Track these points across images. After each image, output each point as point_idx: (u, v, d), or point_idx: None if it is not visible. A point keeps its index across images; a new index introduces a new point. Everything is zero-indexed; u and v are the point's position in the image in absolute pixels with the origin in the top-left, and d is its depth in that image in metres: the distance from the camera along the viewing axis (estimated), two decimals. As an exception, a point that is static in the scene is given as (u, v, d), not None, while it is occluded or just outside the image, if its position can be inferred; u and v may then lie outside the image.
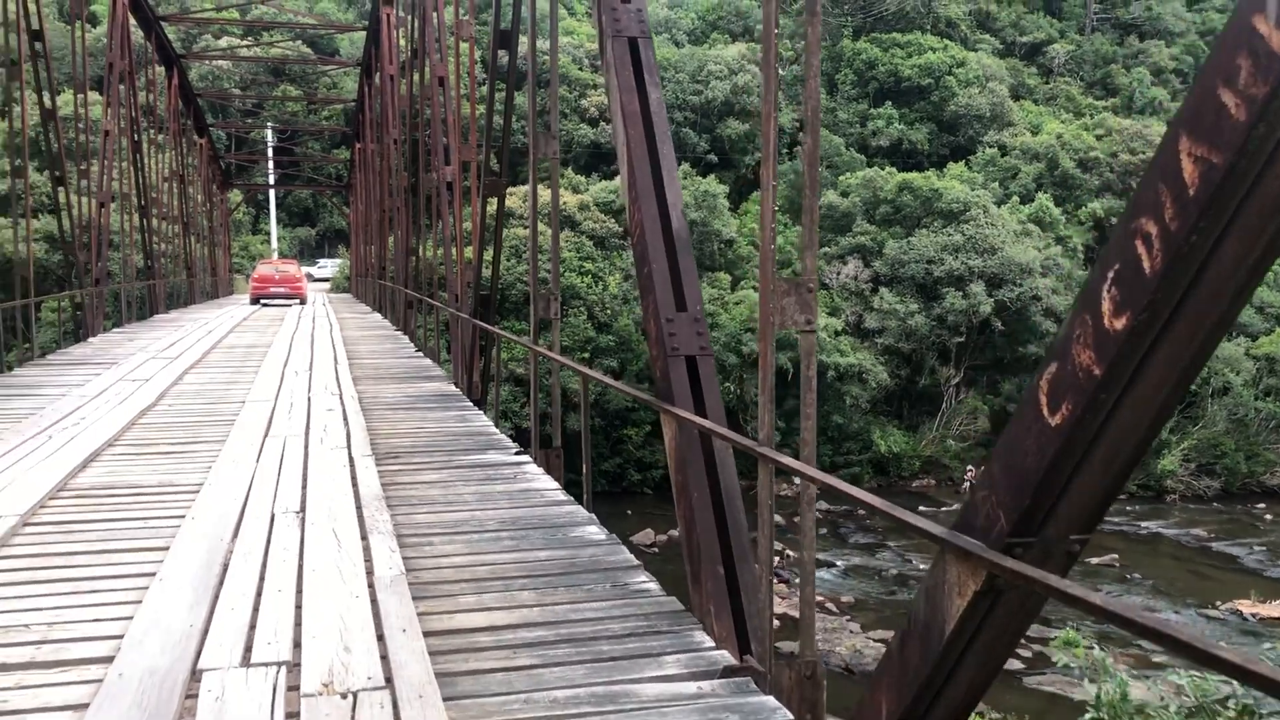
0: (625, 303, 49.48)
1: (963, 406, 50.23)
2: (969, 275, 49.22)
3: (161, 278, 33.31)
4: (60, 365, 16.76)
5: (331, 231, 74.97)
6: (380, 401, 12.92)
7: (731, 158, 65.05)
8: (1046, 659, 25.54)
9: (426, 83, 19.34)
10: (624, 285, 50.75)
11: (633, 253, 6.46)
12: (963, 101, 67.52)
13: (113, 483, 8.30)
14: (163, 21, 32.95)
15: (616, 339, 48.35)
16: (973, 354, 50.77)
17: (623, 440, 45.48)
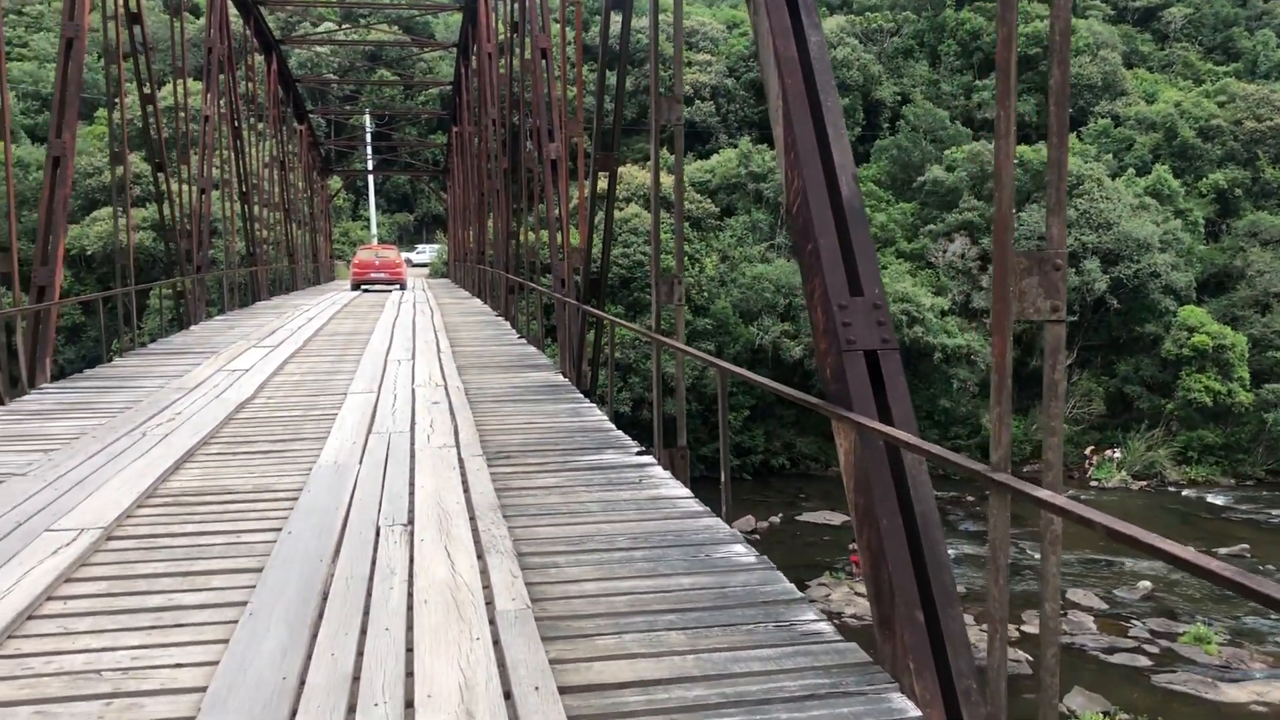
0: (722, 285, 48.42)
1: (1076, 389, 47.96)
2: (1082, 252, 46.89)
3: (263, 264, 33.34)
4: (160, 355, 16.43)
5: (429, 216, 75.31)
6: (486, 393, 12.15)
7: (831, 135, 63.20)
8: (1175, 655, 23.90)
9: (527, 57, 18.53)
10: (720, 267, 49.70)
11: (790, 228, 5.45)
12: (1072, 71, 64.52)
13: (205, 487, 7.63)
14: (260, 6, 32.85)
15: (714, 322, 47.38)
16: (1087, 334, 48.42)
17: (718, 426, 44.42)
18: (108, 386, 12.81)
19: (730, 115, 62.03)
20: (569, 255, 14.15)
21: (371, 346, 16.90)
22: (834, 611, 28.05)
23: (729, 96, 62.47)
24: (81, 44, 14.45)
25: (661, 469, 8.26)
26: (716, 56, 64.21)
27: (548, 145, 15.71)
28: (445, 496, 7.11)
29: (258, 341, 17.84)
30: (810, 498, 42.78)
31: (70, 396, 12.08)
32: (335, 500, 7.03)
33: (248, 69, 33.13)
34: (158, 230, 34.35)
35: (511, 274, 22.41)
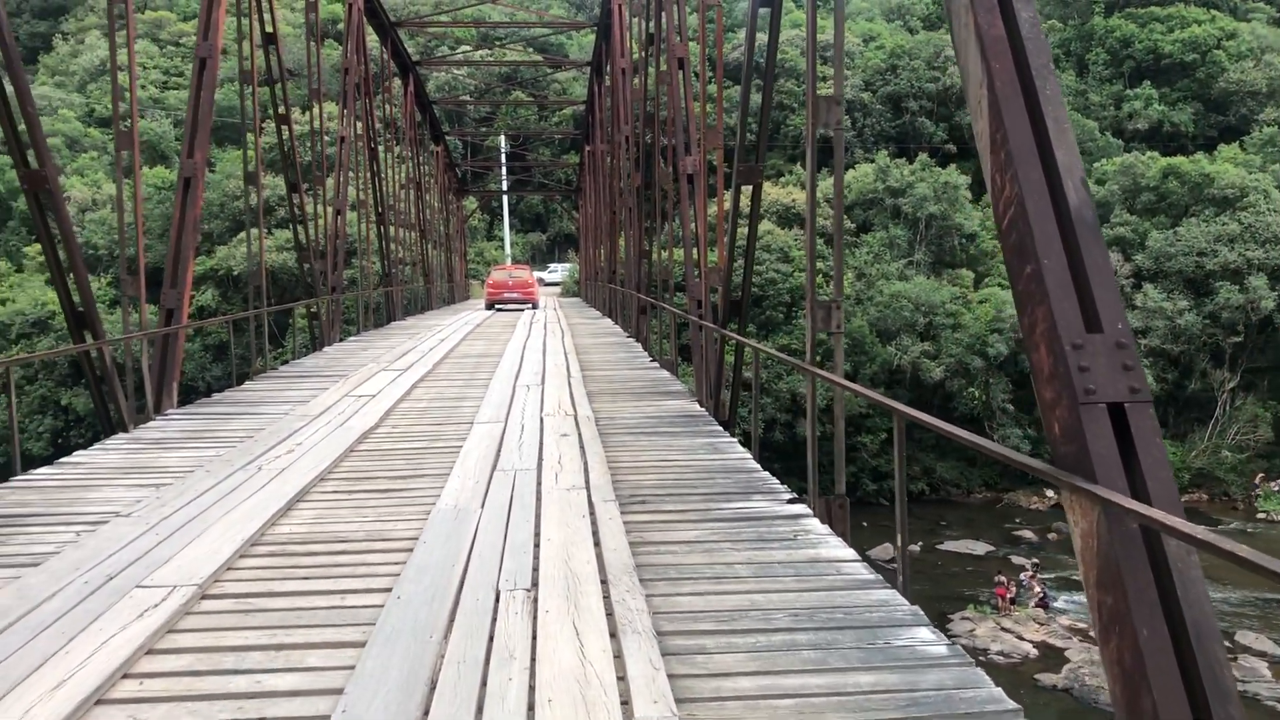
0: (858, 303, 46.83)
1: (1240, 413, 44.59)
2: (1247, 268, 43.69)
3: (399, 284, 33.49)
4: (290, 378, 16.18)
5: (561, 236, 75.62)
6: (618, 423, 11.31)
7: (971, 146, 60.70)
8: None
9: (663, 69, 17.75)
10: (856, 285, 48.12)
11: (1002, 244, 4.40)
12: (1234, 77, 60.68)
13: (314, 534, 6.95)
14: (398, 29, 33.10)
15: (849, 341, 45.86)
16: (1251, 355, 45.03)
17: (856, 448, 42.92)
18: (232, 413, 12.47)
19: (866, 130, 60.37)
20: (706, 275, 13.24)
21: (501, 370, 16.32)
22: (978, 648, 26.34)
23: (865, 110, 60.82)
24: (214, 65, 14.30)
25: (818, 522, 7.24)
26: (852, 70, 62.60)
27: (683, 159, 14.85)
28: (574, 553, 6.25)
29: (388, 364, 17.47)
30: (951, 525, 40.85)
31: (193, 424, 11.75)
32: (452, 555, 6.25)
33: (385, 91, 33.41)
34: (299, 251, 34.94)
35: (643, 294, 21.66)
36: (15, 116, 9.44)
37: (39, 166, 9.73)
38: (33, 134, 9.62)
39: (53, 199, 9.85)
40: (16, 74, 9.44)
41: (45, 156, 9.71)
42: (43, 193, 9.80)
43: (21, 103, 9.41)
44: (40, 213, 9.92)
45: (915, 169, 52.31)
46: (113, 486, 8.44)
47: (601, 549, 6.37)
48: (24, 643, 4.82)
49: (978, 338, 45.21)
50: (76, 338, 10.80)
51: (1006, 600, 29.41)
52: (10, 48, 9.25)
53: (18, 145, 9.62)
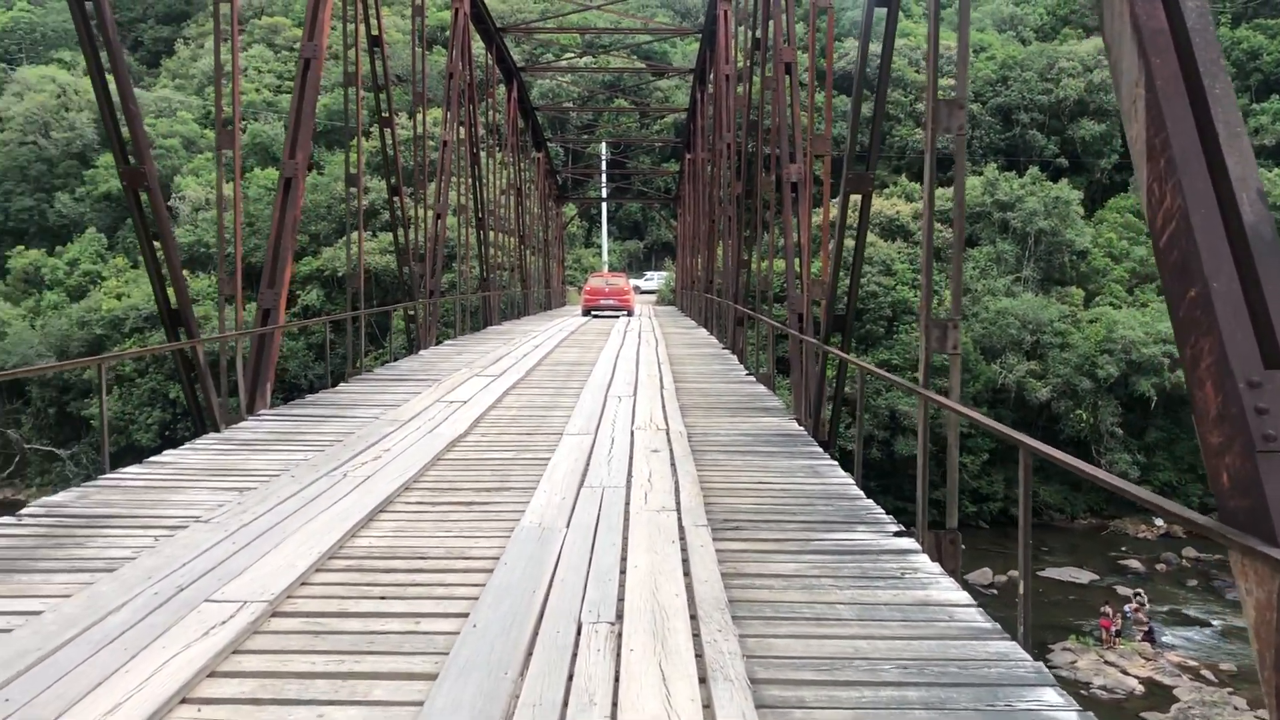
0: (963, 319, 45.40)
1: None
2: None
3: (496, 289, 33.59)
4: (384, 381, 16.13)
5: (659, 244, 75.47)
6: (712, 441, 10.87)
7: (1084, 161, 58.84)
8: None
9: (768, 74, 17.30)
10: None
11: (1159, 264, 3.86)
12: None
13: (393, 548, 6.68)
14: (503, 34, 33.23)
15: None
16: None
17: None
18: (323, 415, 12.39)
19: (975, 142, 58.78)
20: (808, 287, 12.73)
21: (593, 379, 16.02)
22: (1081, 681, 25.19)
23: (974, 122, 59.22)
24: (318, 65, 14.32)
25: (928, 559, 6.70)
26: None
27: (787, 167, 14.37)
28: (662, 584, 5.84)
29: (481, 370, 17.33)
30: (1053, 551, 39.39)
31: (284, 425, 11.68)
32: (534, 579, 5.89)
33: (489, 97, 33.57)
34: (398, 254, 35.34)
35: (740, 305, 21.18)
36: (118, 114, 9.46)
37: (139, 164, 9.74)
38: (133, 131, 9.63)
39: (152, 196, 9.85)
40: (119, 72, 9.45)
41: (145, 154, 9.72)
42: (142, 189, 9.81)
43: (123, 99, 9.42)
44: (139, 209, 9.93)
45: (1025, 183, 50.74)
46: (197, 489, 8.33)
47: (692, 580, 5.95)
48: (86, 657, 4.61)
49: (1087, 358, 43.52)
50: (171, 336, 10.81)
51: (1111, 633, 28.13)
52: (114, 45, 9.26)
53: (119, 142, 9.64)
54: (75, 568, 6.10)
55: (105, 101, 9.39)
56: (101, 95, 9.38)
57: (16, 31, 70.34)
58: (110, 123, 9.49)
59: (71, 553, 6.43)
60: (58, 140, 59.37)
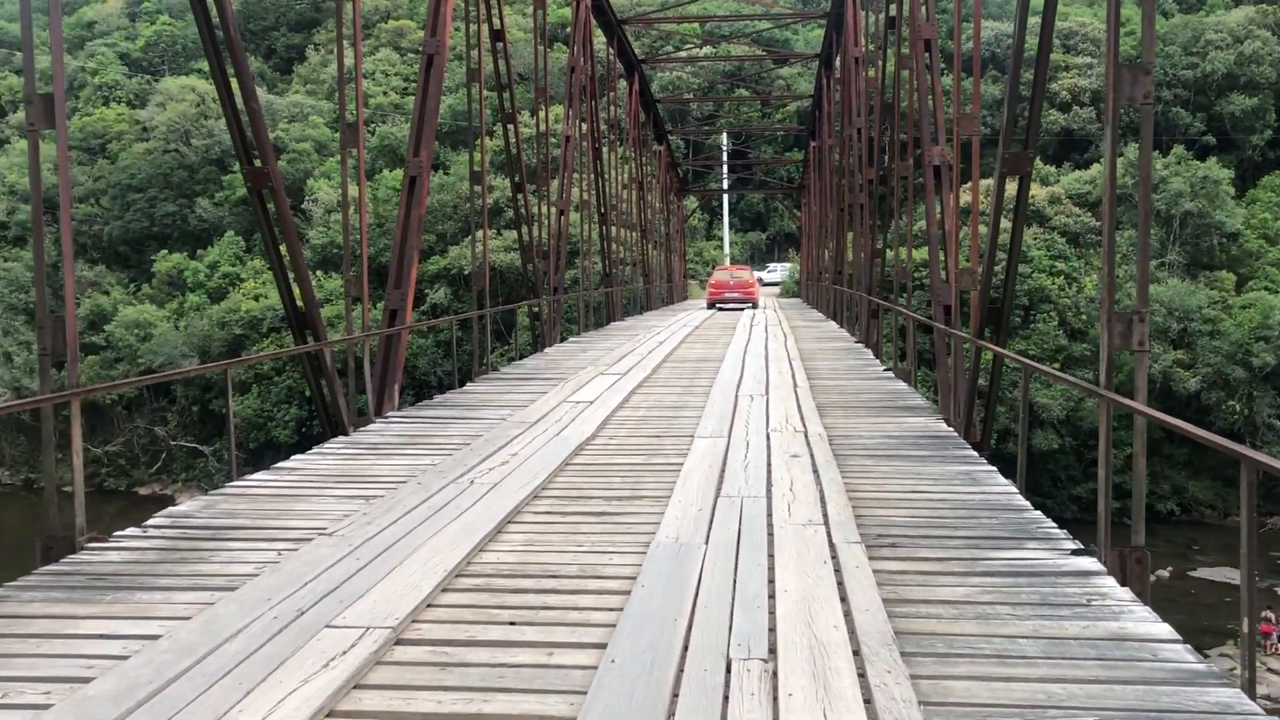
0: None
1: None
2: None
3: (619, 284, 33.31)
4: (510, 380, 15.88)
5: (781, 235, 74.30)
6: (855, 444, 10.18)
7: (1234, 138, 55.38)
8: None
9: (904, 53, 16.42)
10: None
11: None
12: None
13: (522, 566, 6.24)
14: (624, 26, 32.86)
15: (1093, 348, 42.72)
16: None
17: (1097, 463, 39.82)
18: (450, 417, 12.14)
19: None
20: (956, 276, 11.89)
21: (722, 377, 15.44)
22: (1241, 692, 23.48)
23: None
24: (442, 60, 14.10)
25: (1114, 581, 5.93)
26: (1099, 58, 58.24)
27: (929, 149, 13.52)
28: (817, 612, 5.24)
29: (606, 368, 16.94)
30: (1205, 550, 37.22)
31: (411, 428, 11.46)
32: (674, 604, 5.37)
33: (610, 90, 33.27)
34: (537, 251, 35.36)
35: (874, 295, 20.30)
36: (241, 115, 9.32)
37: (262, 164, 9.59)
38: (255, 131, 9.49)
39: (276, 197, 9.70)
40: (241, 71, 9.30)
41: (268, 154, 9.56)
42: (266, 190, 9.66)
43: (244, 98, 9.27)
44: (263, 210, 9.79)
45: (1169, 162, 48.02)
46: (322, 498, 8.08)
47: (850, 607, 5.34)
48: (197, 694, 4.28)
49: (1240, 346, 40.97)
50: (299, 338, 10.68)
51: (1274, 639, 26.28)
52: (235, 43, 9.11)
53: (242, 143, 9.50)
54: (196, 585, 5.85)
55: (228, 102, 9.25)
56: (224, 95, 9.25)
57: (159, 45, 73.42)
58: (233, 123, 9.35)
59: (194, 568, 6.20)
60: (198, 147, 61.65)
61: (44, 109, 6.43)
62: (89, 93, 68.00)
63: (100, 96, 67.22)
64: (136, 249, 60.45)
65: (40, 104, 6.42)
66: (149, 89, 67.05)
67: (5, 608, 5.46)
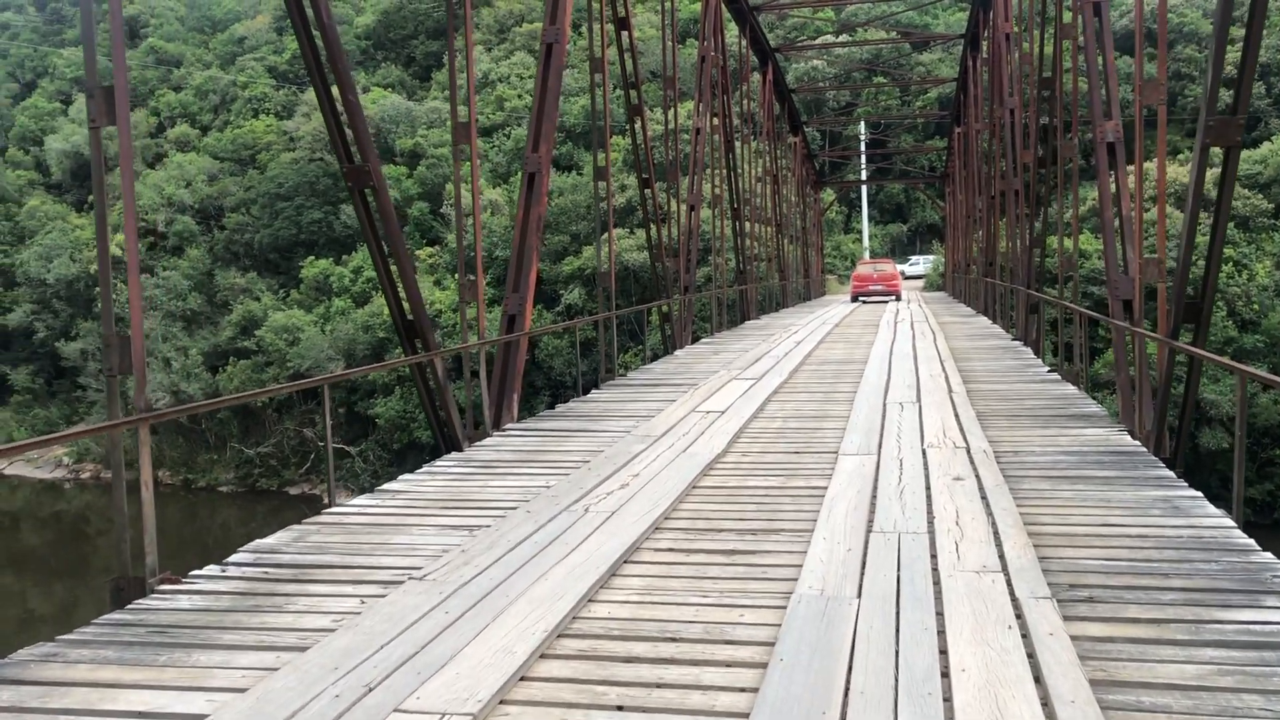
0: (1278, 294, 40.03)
1: None
2: None
3: (753, 282, 32.13)
4: (637, 387, 14.96)
5: (924, 226, 71.54)
6: (1026, 462, 8.86)
7: None
8: None
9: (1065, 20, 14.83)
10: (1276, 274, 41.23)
11: None
12: None
13: (638, 621, 5.26)
14: (757, 13, 31.63)
15: (1266, 340, 39.52)
16: None
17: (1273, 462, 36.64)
18: (570, 430, 11.28)
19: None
20: (1140, 268, 10.39)
21: (866, 381, 14.20)
22: None
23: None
24: (561, 50, 13.28)
25: (1397, 659, 4.57)
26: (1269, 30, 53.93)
27: (1102, 125, 11.97)
28: (1008, 703, 4.09)
29: (739, 372, 15.87)
30: None
31: (529, 442, 10.64)
32: (821, 689, 4.30)
33: (742, 81, 32.10)
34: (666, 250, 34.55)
35: (1033, 288, 18.63)
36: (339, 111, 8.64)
37: (362, 161, 8.90)
38: (355, 127, 8.80)
39: (379, 196, 9.01)
40: (337, 62, 8.62)
41: (368, 151, 8.87)
42: (367, 189, 8.97)
43: (342, 92, 8.59)
44: (365, 209, 9.11)
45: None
46: (423, 528, 7.29)
47: (1048, 693, 4.17)
48: (223, 811, 3.44)
49: None
50: (408, 348, 9.98)
51: None
52: (330, 32, 8.43)
53: (342, 139, 8.83)
54: (263, 643, 5.08)
55: (325, 97, 8.59)
56: (321, 91, 8.59)
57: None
58: (331, 119, 8.69)
59: (266, 620, 5.44)
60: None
61: (105, 103, 5.78)
62: (239, 105, 70.50)
63: (250, 109, 69.59)
64: (285, 255, 62.23)
65: (102, 97, 5.77)
66: (295, 100, 69.01)
67: (48, 670, 4.79)
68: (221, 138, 67.00)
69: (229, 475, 52.12)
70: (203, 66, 75.25)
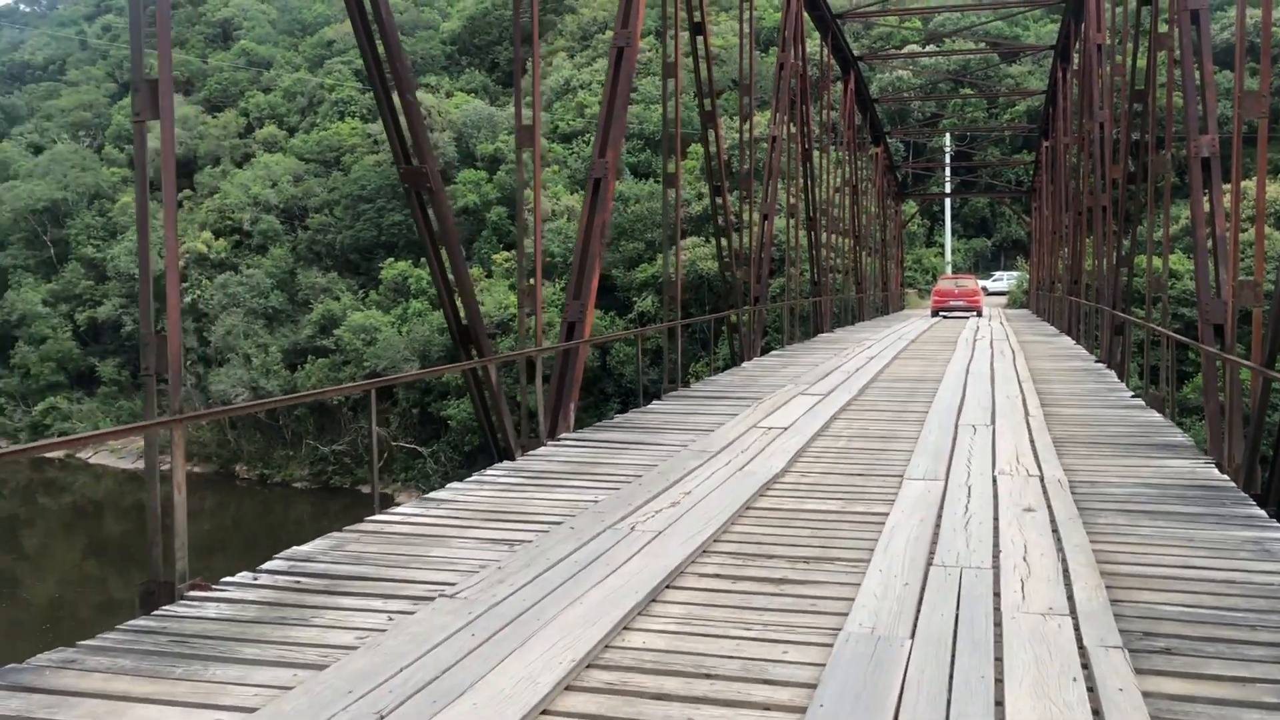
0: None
1: None
2: None
3: (828, 294, 31.57)
4: (698, 399, 14.64)
5: (1008, 242, 69.92)
6: (1103, 494, 8.36)
7: None
8: None
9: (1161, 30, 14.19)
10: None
11: None
12: None
13: (673, 654, 4.94)
14: (840, 20, 31.11)
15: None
16: None
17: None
18: (626, 442, 11.01)
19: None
20: (1234, 291, 9.79)
21: (939, 401, 13.70)
22: None
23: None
24: (633, 54, 13.06)
25: None
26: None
27: (1196, 139, 11.36)
28: (1068, 770, 3.71)
29: (807, 386, 15.46)
30: None
31: (583, 453, 10.40)
32: (862, 737, 3.96)
33: (823, 90, 31.59)
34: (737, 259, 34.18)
35: (1119, 309, 17.90)
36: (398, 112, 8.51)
37: (420, 163, 8.75)
38: (412, 128, 8.66)
39: (435, 199, 8.85)
40: (395, 60, 8.48)
41: (426, 153, 8.72)
42: (424, 191, 8.82)
43: (400, 92, 8.45)
44: (422, 211, 8.96)
45: None
46: (463, 540, 7.07)
47: (1114, 761, 3.77)
48: None
49: None
50: (463, 353, 9.81)
51: None
52: (388, 28, 8.29)
53: (400, 141, 8.69)
54: (282, 659, 4.89)
55: (384, 97, 8.46)
56: (380, 91, 8.46)
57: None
58: (389, 119, 8.56)
59: (289, 633, 5.25)
60: (422, 159, 63.75)
61: (150, 96, 5.67)
62: (326, 108, 71.81)
63: (336, 111, 70.82)
64: (366, 257, 63.13)
65: (147, 90, 5.67)
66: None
67: (62, 679, 4.65)
68: (308, 139, 68.27)
69: (304, 471, 52.92)
70: (292, 69, 76.84)
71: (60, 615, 33.14)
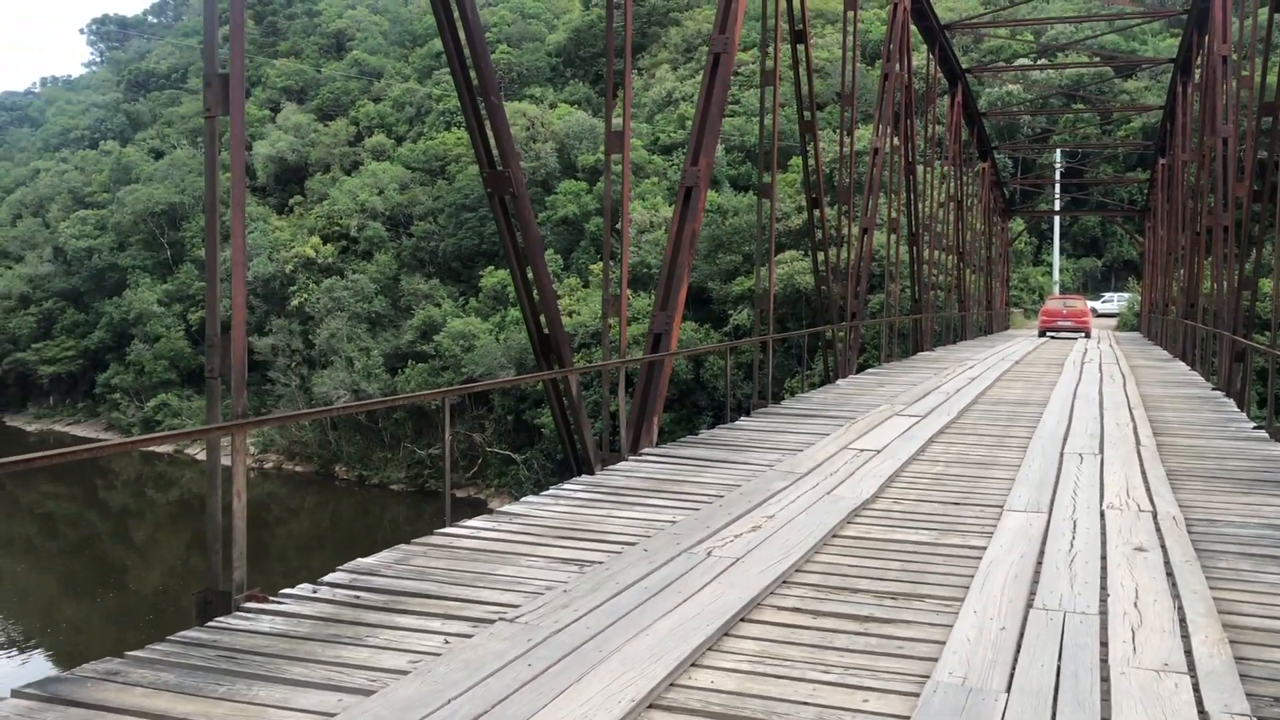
0: None
1: None
2: None
3: (930, 311, 30.69)
4: (789, 417, 14.17)
5: (1120, 262, 67.45)
6: (1222, 534, 7.69)
7: None
8: None
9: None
10: None
11: None
12: None
13: (739, 700, 4.54)
14: (947, 32, 30.29)
15: None
16: None
17: None
18: (710, 460, 10.64)
19: None
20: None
21: (1044, 427, 13.00)
22: None
23: None
24: (730, 60, 12.72)
25: None
26: None
27: (1335, 154, 10.53)
28: None
29: (903, 407, 14.87)
30: None
31: (663, 470, 10.07)
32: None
33: (929, 102, 30.78)
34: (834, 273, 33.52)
35: (1239, 334, 16.86)
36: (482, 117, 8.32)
37: (503, 167, 8.55)
38: (496, 132, 8.45)
39: (518, 204, 8.63)
40: (480, 60, 8.29)
41: (510, 157, 8.51)
42: (507, 196, 8.61)
43: (485, 93, 8.26)
44: (505, 217, 8.75)
45: None
46: (532, 559, 6.80)
47: None
48: None
49: None
50: (543, 363, 9.57)
51: None
52: (473, 28, 8.10)
53: (484, 144, 8.50)
54: (329, 682, 4.65)
55: (467, 100, 8.28)
56: (465, 93, 8.28)
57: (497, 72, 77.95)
58: (472, 121, 8.38)
59: (339, 653, 5.02)
60: (525, 169, 64.19)
61: (221, 91, 5.55)
62: (433, 118, 73.05)
63: (443, 121, 71.98)
64: (467, 264, 63.93)
65: (219, 85, 5.55)
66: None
67: (103, 692, 4.49)
68: (414, 148, 69.51)
69: (400, 474, 53.69)
70: (401, 79, 78.41)
71: (164, 606, 34.12)
